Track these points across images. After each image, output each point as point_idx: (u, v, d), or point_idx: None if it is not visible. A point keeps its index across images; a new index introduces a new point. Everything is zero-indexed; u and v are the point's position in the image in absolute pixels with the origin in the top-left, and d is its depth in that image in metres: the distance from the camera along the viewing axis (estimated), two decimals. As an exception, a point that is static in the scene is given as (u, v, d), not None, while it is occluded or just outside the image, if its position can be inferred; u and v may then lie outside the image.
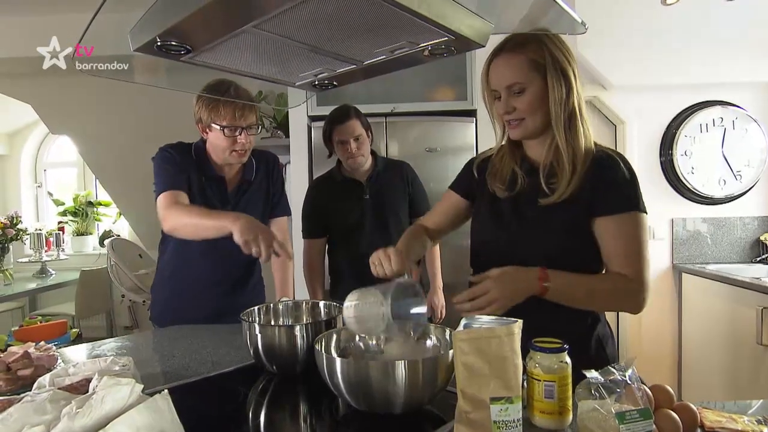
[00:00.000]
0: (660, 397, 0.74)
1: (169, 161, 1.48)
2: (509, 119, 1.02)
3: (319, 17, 0.77)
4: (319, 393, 0.95)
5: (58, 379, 0.87)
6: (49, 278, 3.85)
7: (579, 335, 1.02)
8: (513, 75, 0.98)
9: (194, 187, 1.49)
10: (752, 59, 2.67)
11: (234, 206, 1.55)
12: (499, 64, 1.01)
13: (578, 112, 1.00)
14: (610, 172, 0.99)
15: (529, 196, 1.04)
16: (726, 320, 2.42)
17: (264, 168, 1.64)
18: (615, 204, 0.97)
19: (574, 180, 0.98)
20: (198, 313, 1.55)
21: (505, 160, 1.10)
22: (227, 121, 1.42)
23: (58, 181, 5.03)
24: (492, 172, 1.11)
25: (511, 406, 0.62)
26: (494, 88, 1.03)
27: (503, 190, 1.08)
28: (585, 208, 0.99)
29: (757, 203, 2.82)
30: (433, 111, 2.50)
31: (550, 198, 0.99)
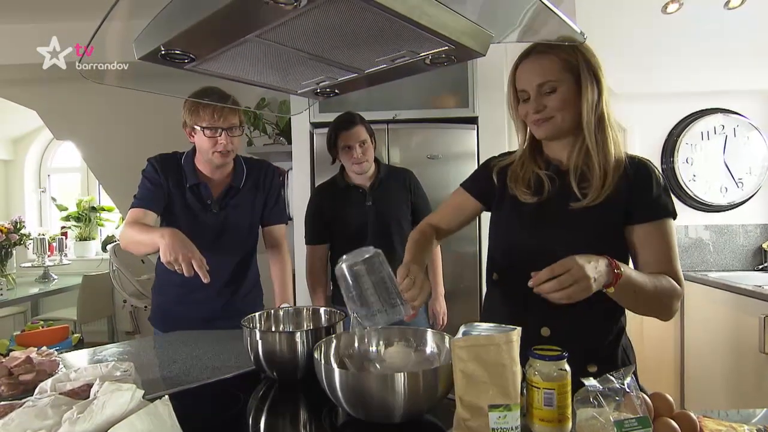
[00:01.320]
0: (659, 406, 0.74)
1: (149, 176, 1.57)
2: (538, 118, 1.01)
3: (321, 27, 0.78)
4: (319, 400, 0.95)
5: (59, 384, 0.87)
6: (51, 283, 3.86)
7: (607, 346, 1.04)
8: (545, 73, 0.99)
9: (175, 197, 1.57)
10: (753, 67, 2.68)
11: (218, 212, 1.60)
12: (529, 64, 1.02)
13: (607, 118, 1.01)
14: (647, 180, 1.00)
15: (558, 200, 1.03)
16: (728, 328, 2.40)
17: (255, 176, 1.68)
18: (654, 211, 0.98)
19: (608, 185, 0.98)
20: (194, 317, 1.58)
21: (526, 165, 1.10)
22: (206, 122, 1.48)
23: (62, 187, 5.06)
24: (513, 178, 1.10)
25: (509, 413, 0.62)
26: (523, 88, 1.02)
27: (529, 195, 1.06)
28: (620, 214, 0.99)
29: (759, 211, 2.82)
30: (434, 118, 2.51)
31: (582, 202, 0.99)
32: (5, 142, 4.80)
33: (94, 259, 4.62)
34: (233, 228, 1.63)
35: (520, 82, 1.03)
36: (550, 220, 1.04)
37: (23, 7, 2.81)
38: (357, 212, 1.86)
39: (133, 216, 1.51)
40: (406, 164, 2.32)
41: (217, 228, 1.60)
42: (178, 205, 1.58)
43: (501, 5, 0.91)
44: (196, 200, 1.59)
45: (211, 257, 1.54)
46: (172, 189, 1.57)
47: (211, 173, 1.60)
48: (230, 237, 1.62)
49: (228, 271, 1.64)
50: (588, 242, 0.97)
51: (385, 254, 1.84)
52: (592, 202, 0.98)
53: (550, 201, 1.04)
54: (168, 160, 1.61)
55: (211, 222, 1.59)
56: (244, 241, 1.67)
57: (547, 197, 1.05)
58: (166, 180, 1.56)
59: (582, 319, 0.99)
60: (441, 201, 2.39)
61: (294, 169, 2.63)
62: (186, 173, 1.59)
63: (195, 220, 1.58)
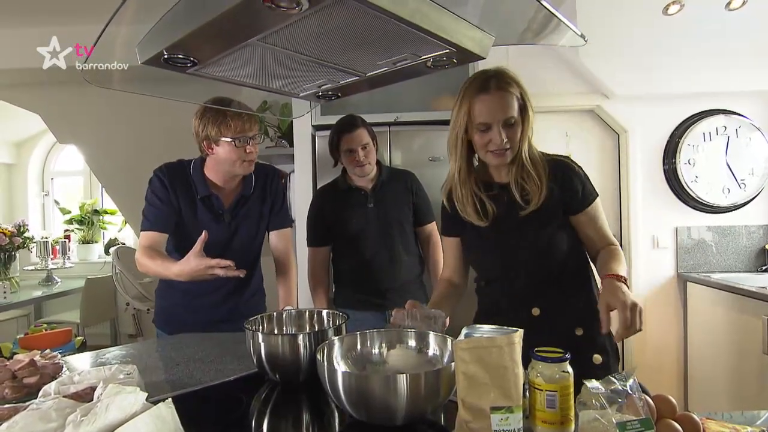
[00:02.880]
0: (662, 408, 0.74)
1: (157, 192, 1.53)
2: (500, 148, 1.14)
3: (323, 30, 0.78)
4: (322, 402, 0.95)
5: (63, 387, 0.87)
6: (54, 286, 3.87)
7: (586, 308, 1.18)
8: (509, 110, 1.13)
9: (184, 209, 1.54)
10: (755, 68, 2.67)
11: (229, 222, 1.59)
12: (491, 99, 1.13)
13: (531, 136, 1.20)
14: (569, 175, 1.19)
15: (509, 211, 1.20)
16: (732, 330, 2.40)
17: (262, 181, 1.67)
18: (584, 200, 1.19)
19: (545, 187, 1.16)
20: (199, 321, 1.58)
21: (465, 189, 1.23)
22: (237, 132, 1.45)
23: (65, 190, 5.07)
24: (461, 206, 1.24)
25: (511, 415, 0.62)
26: (485, 120, 1.14)
27: (482, 220, 1.21)
28: (560, 206, 1.18)
29: (761, 212, 2.81)
30: (436, 120, 2.51)
31: (528, 208, 1.16)
32: (8, 145, 4.82)
33: (97, 262, 4.63)
34: (242, 236, 1.62)
35: (481, 116, 1.14)
36: (508, 229, 1.20)
37: (25, 11, 2.82)
38: (359, 214, 1.86)
39: (146, 241, 1.49)
40: (407, 166, 2.32)
41: (226, 237, 1.59)
42: (188, 217, 1.55)
43: (502, 8, 0.92)
44: (207, 211, 1.56)
45: None
46: (181, 201, 1.54)
47: (223, 183, 1.58)
48: (238, 244, 1.61)
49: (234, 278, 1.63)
50: (544, 237, 1.17)
51: (387, 257, 1.85)
52: (536, 206, 1.15)
53: (502, 214, 1.20)
54: (175, 170, 1.57)
55: (221, 232, 1.57)
56: (251, 247, 1.66)
57: (499, 213, 1.20)
58: (174, 193, 1.53)
59: (562, 292, 1.19)
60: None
61: (296, 171, 2.64)
62: (196, 184, 1.55)
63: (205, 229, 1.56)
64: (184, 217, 1.55)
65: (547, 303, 1.18)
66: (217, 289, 1.60)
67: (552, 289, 1.18)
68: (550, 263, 1.18)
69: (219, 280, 1.59)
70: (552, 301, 1.18)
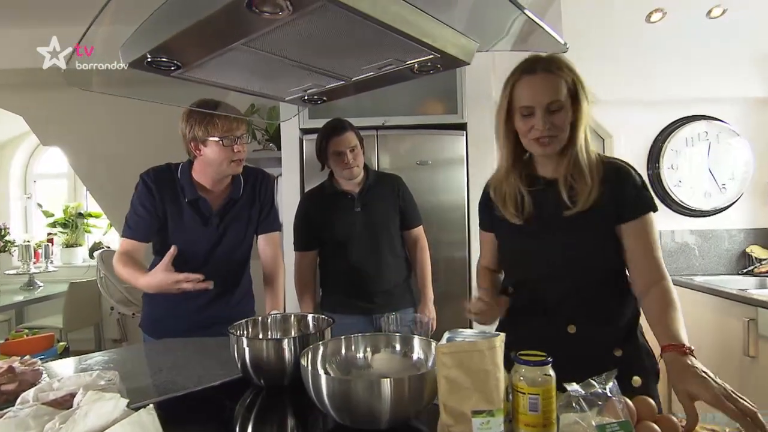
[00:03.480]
0: (642, 410, 0.75)
1: (142, 199, 1.52)
2: (544, 135, 1.05)
3: (307, 35, 0.78)
4: (306, 407, 0.94)
5: (42, 394, 0.86)
6: (36, 290, 3.80)
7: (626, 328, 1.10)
8: (554, 93, 1.04)
9: (171, 213, 1.53)
10: (735, 75, 2.73)
11: (217, 226, 1.57)
12: (536, 81, 1.05)
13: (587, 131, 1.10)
14: (626, 181, 1.07)
15: (551, 209, 1.09)
16: (714, 332, 2.43)
17: (251, 184, 1.65)
18: (637, 209, 1.06)
19: (594, 191, 1.04)
20: (186, 324, 1.56)
21: (511, 181, 1.14)
22: (224, 131, 1.45)
23: (49, 193, 4.99)
24: (500, 198, 1.16)
25: (492, 419, 0.62)
26: (529, 104, 1.05)
27: (518, 217, 1.12)
28: (610, 215, 1.06)
29: (742, 216, 2.86)
30: (423, 124, 2.52)
31: (573, 208, 1.06)
32: (-10, 147, 4.74)
33: (81, 266, 4.56)
34: (230, 240, 1.60)
35: (525, 99, 1.06)
36: (549, 230, 1.10)
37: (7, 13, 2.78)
38: (346, 218, 1.86)
39: (124, 248, 1.50)
40: (395, 170, 2.32)
41: (214, 240, 1.58)
42: (174, 222, 1.53)
43: (486, 16, 0.93)
44: (195, 215, 1.55)
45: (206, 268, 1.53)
46: (168, 206, 1.53)
47: (212, 186, 1.56)
48: (227, 248, 1.60)
49: (222, 281, 1.60)
50: (584, 244, 1.07)
51: (373, 260, 1.85)
52: (583, 207, 1.05)
53: (544, 213, 1.10)
54: (162, 174, 1.55)
55: (209, 235, 1.57)
56: (239, 251, 1.65)
57: (539, 209, 1.10)
58: (161, 199, 1.52)
59: (602, 308, 1.08)
60: (430, 207, 2.43)
61: (283, 175, 2.63)
62: (184, 188, 1.54)
63: (192, 235, 1.55)
64: (171, 221, 1.53)
65: (585, 320, 1.07)
66: (205, 294, 1.58)
67: (590, 305, 1.07)
68: (591, 274, 1.08)
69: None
70: (590, 318, 1.07)
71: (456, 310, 2.70)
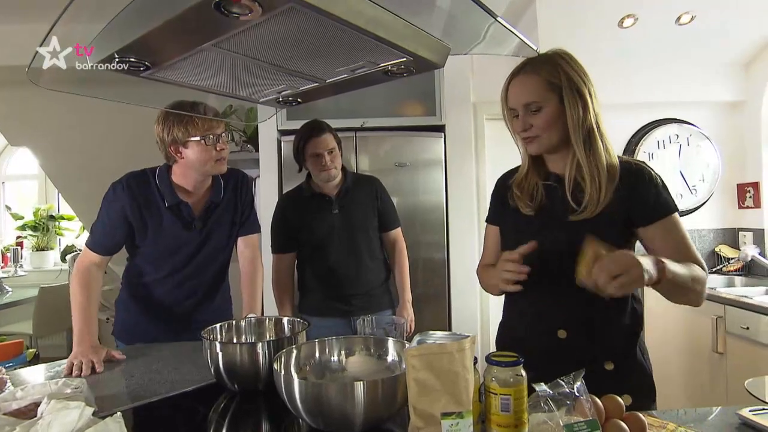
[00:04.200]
0: (610, 408, 0.77)
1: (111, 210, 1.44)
2: (525, 136, 1.06)
3: (279, 37, 0.78)
4: (281, 412, 0.94)
5: (4, 403, 0.83)
6: (5, 296, 3.68)
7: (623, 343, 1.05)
8: (530, 94, 1.03)
9: (149, 220, 1.46)
10: (704, 79, 2.82)
11: (201, 230, 1.53)
12: (516, 84, 1.06)
13: (596, 129, 1.04)
14: (644, 184, 1.03)
15: (558, 209, 1.07)
16: (684, 329, 2.51)
17: (232, 186, 1.62)
18: (656, 211, 1.02)
19: (603, 197, 1.01)
20: (163, 330, 1.53)
21: (530, 176, 1.13)
22: (204, 130, 1.40)
23: (18, 194, 4.84)
24: (519, 189, 1.13)
25: (461, 420, 0.63)
26: (513, 106, 1.07)
27: (530, 208, 1.09)
28: (619, 223, 1.02)
29: (711, 216, 2.95)
30: (402, 126, 2.53)
31: (580, 213, 1.02)
32: (-44, 147, 4.57)
33: (53, 270, 4.43)
34: (213, 244, 1.57)
35: (510, 101, 1.08)
36: (551, 229, 1.06)
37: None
38: (323, 220, 1.85)
39: (88, 260, 1.44)
40: (374, 172, 2.33)
41: (196, 245, 1.53)
42: (154, 229, 1.47)
43: (460, 21, 0.93)
44: (176, 220, 1.49)
45: (188, 274, 1.54)
46: (145, 213, 1.46)
47: (193, 188, 1.51)
48: (208, 253, 1.56)
49: (203, 286, 1.59)
50: None
51: (352, 263, 1.85)
52: (591, 214, 1.01)
53: (550, 210, 1.08)
54: (138, 179, 1.48)
55: (190, 240, 1.52)
56: (221, 256, 1.62)
57: (546, 207, 1.08)
58: (137, 206, 1.44)
59: (596, 316, 1.03)
60: (409, 209, 2.44)
61: (261, 176, 2.60)
62: (164, 193, 1.47)
63: (173, 241, 1.50)
64: (150, 229, 1.47)
65: (576, 325, 1.03)
66: (185, 300, 1.56)
67: (584, 310, 1.02)
68: None
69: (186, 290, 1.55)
70: (582, 323, 1.03)
71: (435, 311, 2.71)
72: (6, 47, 2.27)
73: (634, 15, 2.38)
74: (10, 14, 2.61)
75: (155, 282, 1.54)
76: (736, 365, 2.14)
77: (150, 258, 1.52)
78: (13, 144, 4.13)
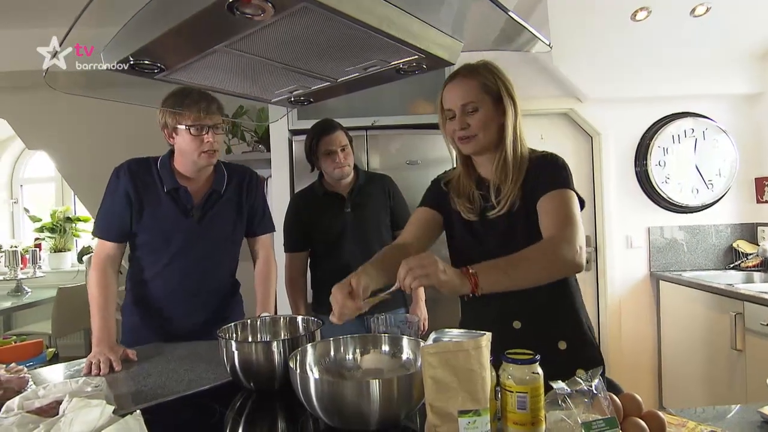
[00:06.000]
0: (629, 406, 0.76)
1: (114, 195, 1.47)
2: (462, 135, 1.12)
3: (291, 37, 0.78)
4: (297, 410, 0.94)
5: (27, 402, 0.85)
6: (24, 296, 3.75)
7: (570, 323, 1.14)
8: (467, 95, 1.10)
9: (147, 205, 1.47)
10: (719, 72, 2.77)
11: (199, 219, 1.52)
12: (454, 86, 1.12)
13: (521, 133, 1.14)
14: (543, 166, 1.11)
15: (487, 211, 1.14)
16: (703, 326, 2.47)
17: (237, 181, 1.61)
18: (549, 184, 1.07)
19: (514, 190, 1.09)
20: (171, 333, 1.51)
21: (462, 180, 1.19)
22: (192, 119, 1.40)
23: (36, 197, 4.93)
24: (456, 193, 1.20)
25: (479, 418, 0.63)
26: (449, 107, 1.12)
27: (473, 213, 1.16)
28: (531, 205, 1.09)
29: (729, 211, 2.90)
30: (413, 124, 2.52)
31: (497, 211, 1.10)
32: (-25, 152, 4.67)
33: (70, 271, 4.50)
34: (215, 237, 1.55)
35: (446, 102, 1.13)
36: (484, 229, 1.15)
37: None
38: (336, 219, 1.85)
39: (104, 253, 1.45)
40: (385, 170, 2.32)
41: (197, 236, 1.52)
42: (151, 212, 1.48)
43: (471, 17, 0.93)
44: (175, 206, 1.49)
45: (191, 268, 1.52)
46: (144, 197, 1.47)
47: (192, 175, 1.51)
48: (212, 246, 1.55)
49: (208, 282, 1.57)
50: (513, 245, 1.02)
51: (364, 261, 1.84)
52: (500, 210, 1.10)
53: (484, 212, 1.15)
54: (139, 165, 1.50)
55: (190, 230, 1.51)
56: (226, 251, 1.61)
57: (485, 208, 1.15)
58: (135, 190, 1.46)
59: (542, 303, 1.11)
60: (420, 207, 2.43)
61: (273, 176, 2.62)
62: (163, 178, 1.49)
63: (172, 228, 1.49)
64: (147, 212, 1.48)
65: (528, 315, 1.12)
66: (192, 300, 1.54)
67: (531, 300, 1.08)
68: None
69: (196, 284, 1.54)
70: (532, 312, 1.11)
71: (448, 309, 2.71)
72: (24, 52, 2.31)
73: (648, 7, 2.35)
74: (28, 19, 2.66)
75: (155, 277, 1.52)
76: (756, 362, 2.10)
77: (147, 248, 1.51)
78: (31, 148, 4.20)
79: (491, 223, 1.13)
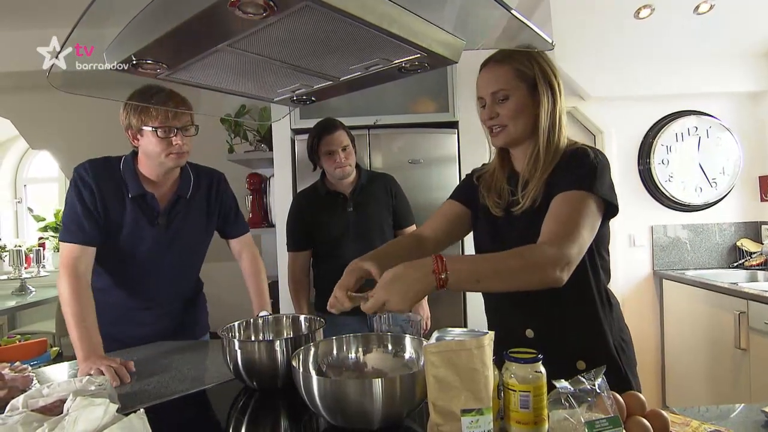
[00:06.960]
0: (632, 405, 0.75)
1: (80, 194, 1.35)
2: (492, 125, 1.06)
3: (293, 36, 0.78)
4: (299, 409, 0.94)
5: (31, 400, 0.85)
6: (29, 296, 3.76)
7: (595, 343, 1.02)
8: (498, 82, 1.03)
9: (112, 211, 1.38)
10: (723, 70, 2.75)
11: (166, 225, 1.45)
12: (486, 72, 1.06)
13: (558, 123, 1.03)
14: (570, 161, 1.00)
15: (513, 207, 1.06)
16: (706, 325, 2.46)
17: (206, 185, 1.54)
18: (566, 183, 0.96)
19: (539, 183, 1.00)
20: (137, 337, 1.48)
21: (496, 174, 1.13)
22: (159, 121, 1.32)
23: (39, 197, 4.95)
24: (486, 187, 1.13)
25: (481, 417, 0.63)
26: (480, 95, 1.07)
27: (500, 208, 1.08)
28: None
29: (732, 209, 2.89)
30: (415, 123, 2.53)
31: (520, 207, 1.02)
32: (-21, 152, 4.69)
33: (74, 270, 4.52)
34: (182, 242, 1.49)
35: (478, 90, 1.08)
36: (507, 227, 1.07)
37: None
38: (338, 218, 1.86)
39: (70, 257, 1.31)
40: (387, 169, 2.32)
41: (162, 243, 1.45)
42: (115, 221, 1.38)
43: (474, 15, 0.93)
44: (140, 212, 1.41)
45: (157, 275, 1.47)
46: (108, 202, 1.37)
47: (158, 180, 1.43)
48: (178, 252, 1.49)
49: (176, 287, 1.54)
50: None
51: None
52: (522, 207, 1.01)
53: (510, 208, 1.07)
54: (101, 166, 1.40)
55: (156, 236, 1.43)
56: (192, 256, 1.56)
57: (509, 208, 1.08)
58: (100, 193, 1.36)
59: (561, 313, 1.01)
60: (423, 205, 2.43)
61: (275, 175, 2.62)
62: (127, 182, 1.39)
63: (137, 235, 1.41)
64: (111, 219, 1.38)
65: (543, 324, 1.02)
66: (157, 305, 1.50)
67: (548, 308, 1.00)
68: None
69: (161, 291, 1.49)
70: (548, 322, 1.02)
71: (450, 308, 2.70)
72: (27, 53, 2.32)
73: (651, 5, 2.34)
74: (30, 20, 2.67)
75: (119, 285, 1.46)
76: (760, 361, 2.09)
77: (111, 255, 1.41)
78: (34, 147, 4.22)
79: (514, 219, 1.05)
